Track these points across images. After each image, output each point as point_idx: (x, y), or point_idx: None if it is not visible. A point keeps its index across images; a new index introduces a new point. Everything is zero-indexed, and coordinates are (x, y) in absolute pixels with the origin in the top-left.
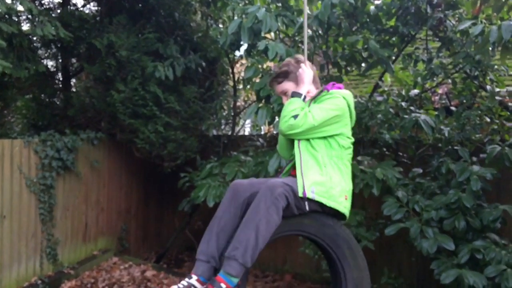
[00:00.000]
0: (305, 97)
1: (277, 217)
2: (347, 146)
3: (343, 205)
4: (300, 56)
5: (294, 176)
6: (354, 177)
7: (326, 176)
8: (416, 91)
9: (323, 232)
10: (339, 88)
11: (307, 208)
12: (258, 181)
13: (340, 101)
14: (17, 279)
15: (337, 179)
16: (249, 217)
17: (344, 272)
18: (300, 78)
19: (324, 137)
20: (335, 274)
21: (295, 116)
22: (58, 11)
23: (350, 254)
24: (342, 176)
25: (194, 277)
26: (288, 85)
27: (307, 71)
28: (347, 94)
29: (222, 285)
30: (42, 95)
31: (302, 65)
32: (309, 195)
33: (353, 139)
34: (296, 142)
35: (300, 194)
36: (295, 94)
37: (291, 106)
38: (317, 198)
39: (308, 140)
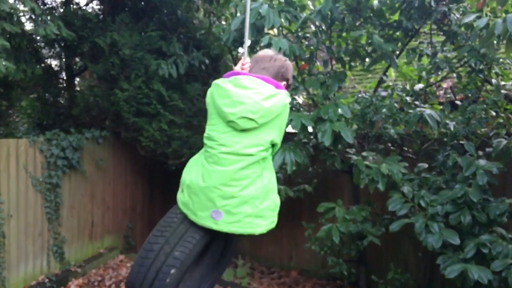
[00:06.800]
0: None
1: None
2: (203, 142)
3: (178, 194)
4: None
5: None
6: (359, 172)
7: (189, 165)
8: (420, 85)
9: None
10: None
11: None
12: None
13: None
14: (24, 278)
15: (188, 170)
16: None
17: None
18: None
19: None
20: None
21: None
22: (61, 10)
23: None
24: (192, 168)
25: None
26: None
27: (235, 67)
28: (216, 82)
29: None
30: (47, 95)
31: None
32: None
33: (208, 134)
34: None
35: None
36: None
37: None
38: None
39: None
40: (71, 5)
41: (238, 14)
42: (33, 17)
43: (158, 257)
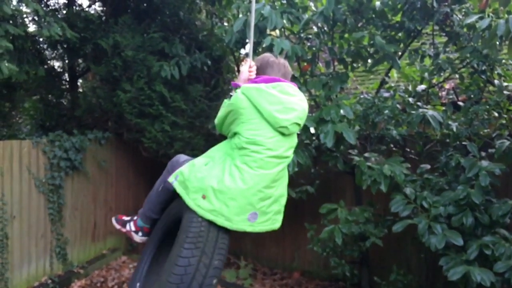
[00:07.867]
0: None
1: (157, 186)
2: (240, 146)
3: (195, 201)
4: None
5: None
6: (361, 173)
7: (202, 170)
8: (423, 86)
9: (169, 214)
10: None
11: (172, 189)
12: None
13: (234, 97)
14: (27, 279)
15: (206, 175)
16: None
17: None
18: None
19: (232, 135)
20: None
21: None
22: (64, 11)
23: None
24: (222, 175)
25: None
26: None
27: (242, 69)
28: (249, 87)
29: None
30: (49, 96)
31: (243, 62)
32: (171, 179)
33: (251, 138)
34: None
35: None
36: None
37: None
38: (174, 185)
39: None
40: (74, 7)
41: (241, 16)
42: (36, 18)
43: (198, 271)
